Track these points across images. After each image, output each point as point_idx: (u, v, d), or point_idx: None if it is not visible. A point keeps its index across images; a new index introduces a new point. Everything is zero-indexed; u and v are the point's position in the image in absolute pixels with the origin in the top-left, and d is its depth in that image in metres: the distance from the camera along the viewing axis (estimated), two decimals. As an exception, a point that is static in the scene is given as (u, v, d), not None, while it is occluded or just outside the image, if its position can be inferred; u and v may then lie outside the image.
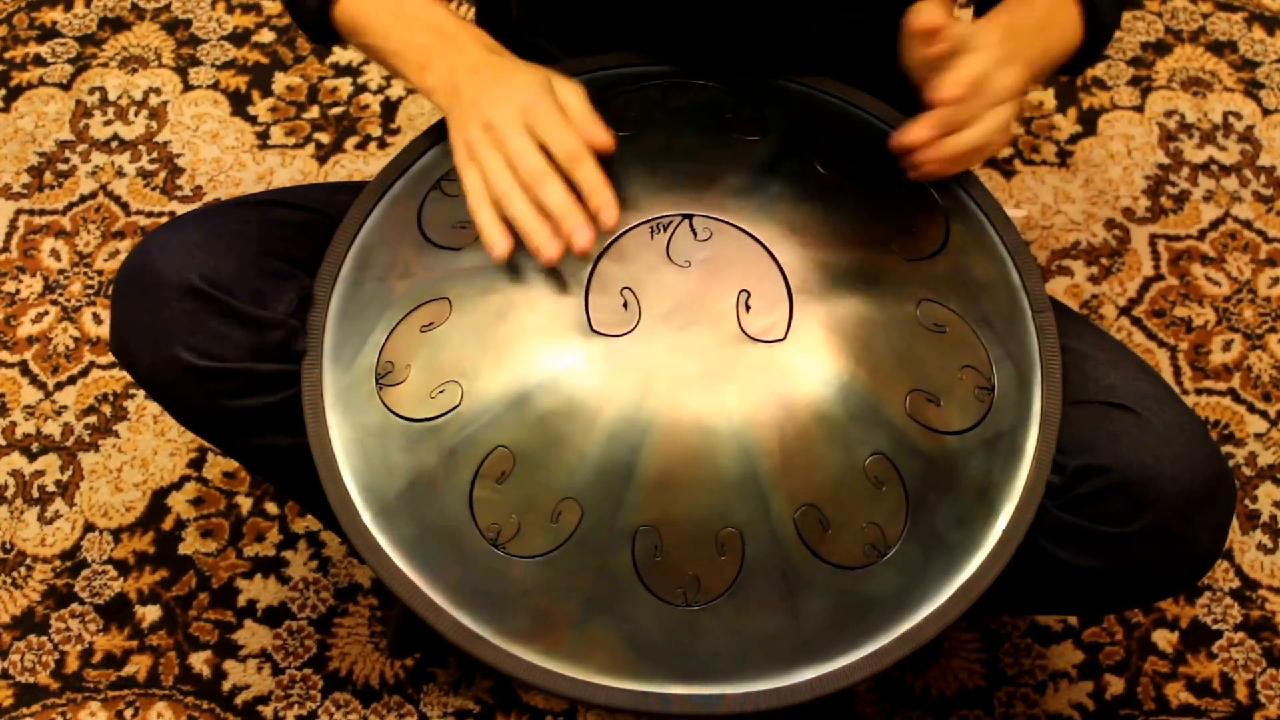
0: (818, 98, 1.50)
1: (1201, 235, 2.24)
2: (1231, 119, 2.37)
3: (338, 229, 1.41)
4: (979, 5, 1.55)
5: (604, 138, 1.33)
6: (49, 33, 2.51)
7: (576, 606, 1.28)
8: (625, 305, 1.30)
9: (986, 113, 1.35)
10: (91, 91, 2.43)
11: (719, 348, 1.29)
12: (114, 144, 2.37)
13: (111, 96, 2.42)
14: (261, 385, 1.37)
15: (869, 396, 1.30)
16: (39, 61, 2.47)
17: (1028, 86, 1.41)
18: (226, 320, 1.35)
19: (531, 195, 1.31)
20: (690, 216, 1.34)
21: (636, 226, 1.33)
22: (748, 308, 1.30)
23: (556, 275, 1.32)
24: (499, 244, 1.31)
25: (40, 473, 2.05)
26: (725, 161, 1.40)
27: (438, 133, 1.47)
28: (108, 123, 2.39)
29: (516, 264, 1.33)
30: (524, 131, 1.33)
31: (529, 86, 1.35)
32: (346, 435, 1.33)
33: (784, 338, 1.30)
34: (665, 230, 1.33)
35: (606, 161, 1.34)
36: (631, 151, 1.38)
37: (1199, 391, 2.09)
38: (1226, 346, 2.13)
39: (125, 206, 2.29)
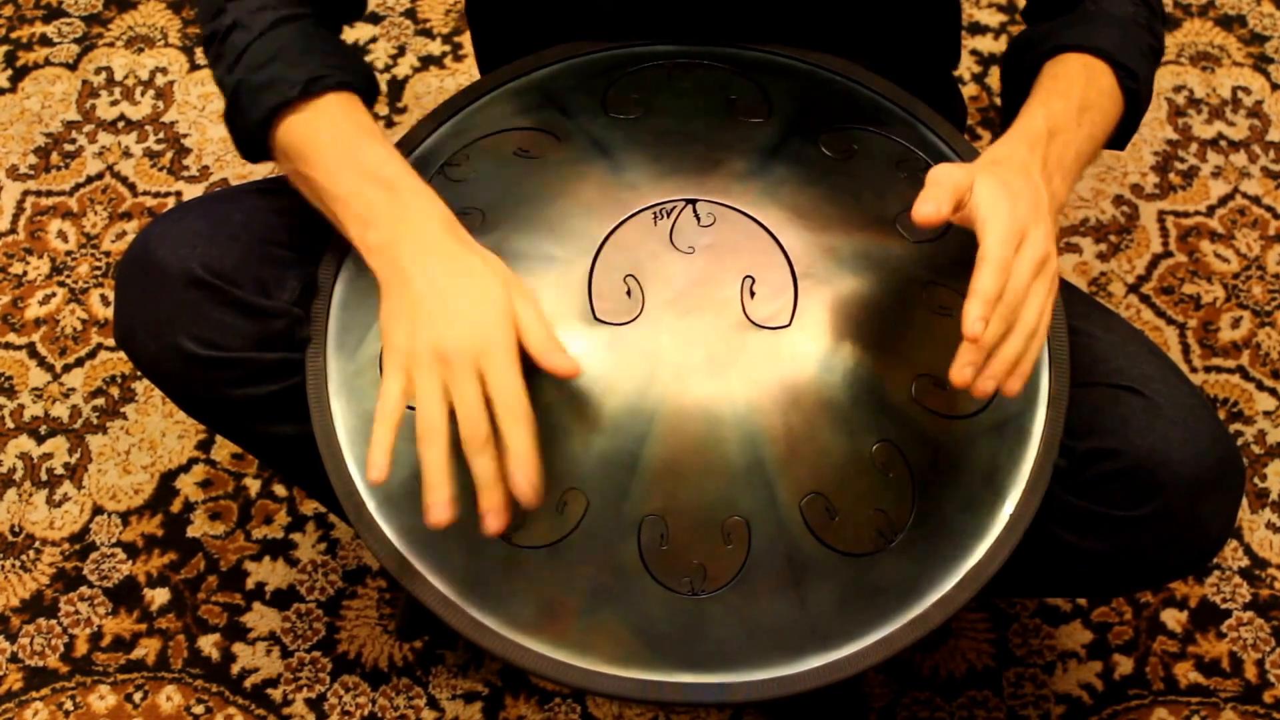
0: (822, 76, 1.49)
1: (1210, 211, 2.23)
2: (1240, 94, 2.36)
3: (341, 216, 1.40)
4: (1010, 95, 1.53)
5: (567, 366, 1.24)
6: (55, 12, 2.50)
7: (583, 596, 1.28)
8: (629, 293, 1.29)
9: (1028, 301, 1.26)
10: (98, 71, 2.42)
11: (723, 335, 1.28)
12: (121, 124, 2.36)
13: (118, 76, 2.42)
14: (265, 374, 1.37)
15: (875, 382, 1.30)
16: (45, 41, 2.47)
17: (1069, 193, 1.37)
18: (229, 309, 1.34)
19: (451, 450, 1.22)
20: (694, 201, 1.33)
21: (639, 212, 1.33)
22: (752, 294, 1.30)
23: (560, 262, 1.31)
24: (379, 469, 1.23)
25: (48, 455, 2.05)
26: (729, 145, 1.39)
27: (440, 116, 1.46)
28: (114, 103, 2.39)
29: (520, 250, 1.32)
30: (476, 379, 1.22)
31: (493, 319, 1.23)
32: (351, 424, 1.33)
33: (789, 324, 1.29)
34: (669, 216, 1.33)
35: (612, 145, 1.34)
36: (634, 135, 1.38)
37: (1208, 369, 2.09)
38: (1235, 324, 2.13)
39: (132, 187, 2.29)
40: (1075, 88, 1.40)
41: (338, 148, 1.32)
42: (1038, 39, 1.47)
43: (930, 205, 1.22)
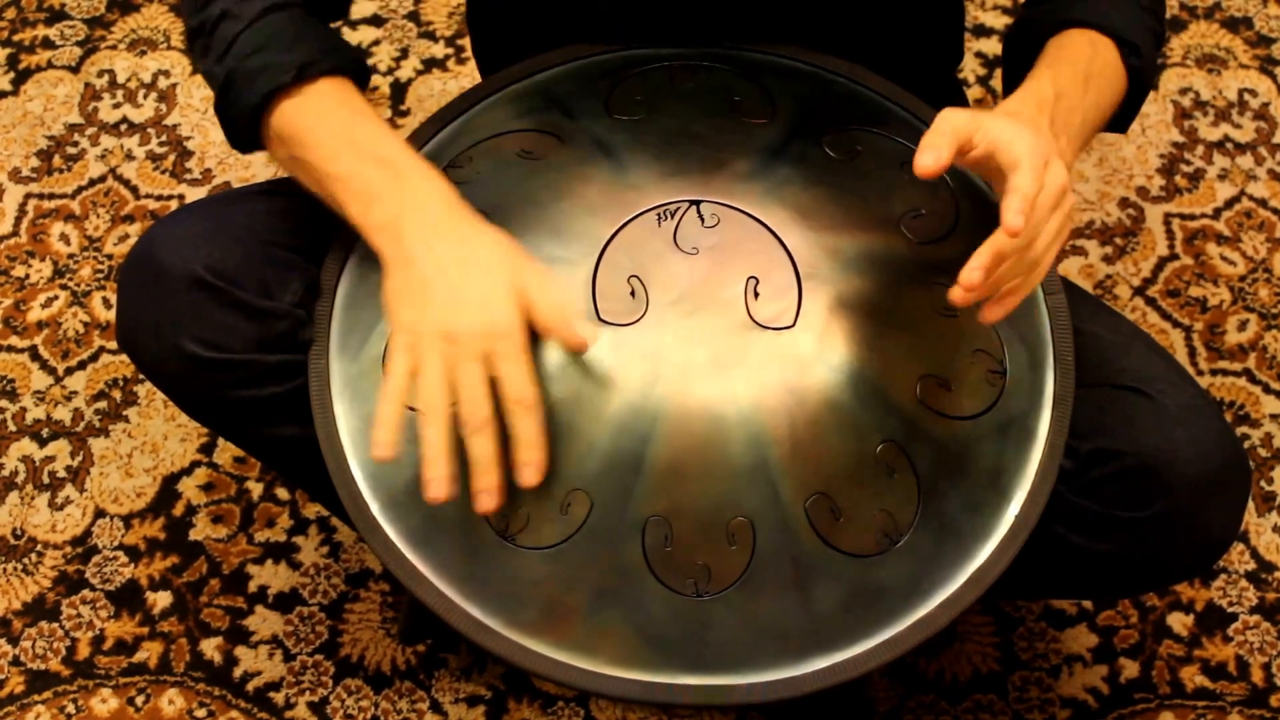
0: (825, 77, 1.49)
1: (1216, 214, 2.23)
2: (1247, 96, 2.36)
3: (344, 218, 1.40)
4: (1012, 73, 1.52)
5: (581, 343, 1.25)
6: (57, 15, 2.50)
7: (586, 597, 1.28)
8: (633, 294, 1.29)
9: (1044, 227, 1.26)
10: (100, 74, 2.42)
11: (727, 335, 1.28)
12: (123, 127, 2.36)
13: (120, 79, 2.42)
14: (268, 376, 1.36)
15: (879, 382, 1.29)
16: (47, 44, 2.46)
17: (1076, 157, 1.37)
18: (232, 311, 1.34)
19: (452, 428, 1.23)
20: (698, 202, 1.33)
21: (643, 214, 1.32)
22: (756, 294, 1.29)
23: (564, 263, 1.30)
24: (383, 445, 1.24)
25: (51, 459, 2.04)
26: (733, 145, 1.38)
27: (444, 118, 1.46)
28: (117, 106, 2.38)
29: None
30: (481, 361, 1.23)
31: (501, 302, 1.24)
32: (354, 425, 1.33)
33: (793, 324, 1.29)
34: (672, 217, 1.32)
35: (616, 147, 1.34)
36: (638, 136, 1.38)
37: (1214, 372, 2.08)
38: (1242, 326, 2.12)
39: (135, 190, 2.28)
40: (1081, 58, 1.40)
41: (335, 129, 1.33)
42: (1042, 15, 1.47)
43: (929, 155, 1.21)
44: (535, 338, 1.26)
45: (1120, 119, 1.47)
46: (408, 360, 1.25)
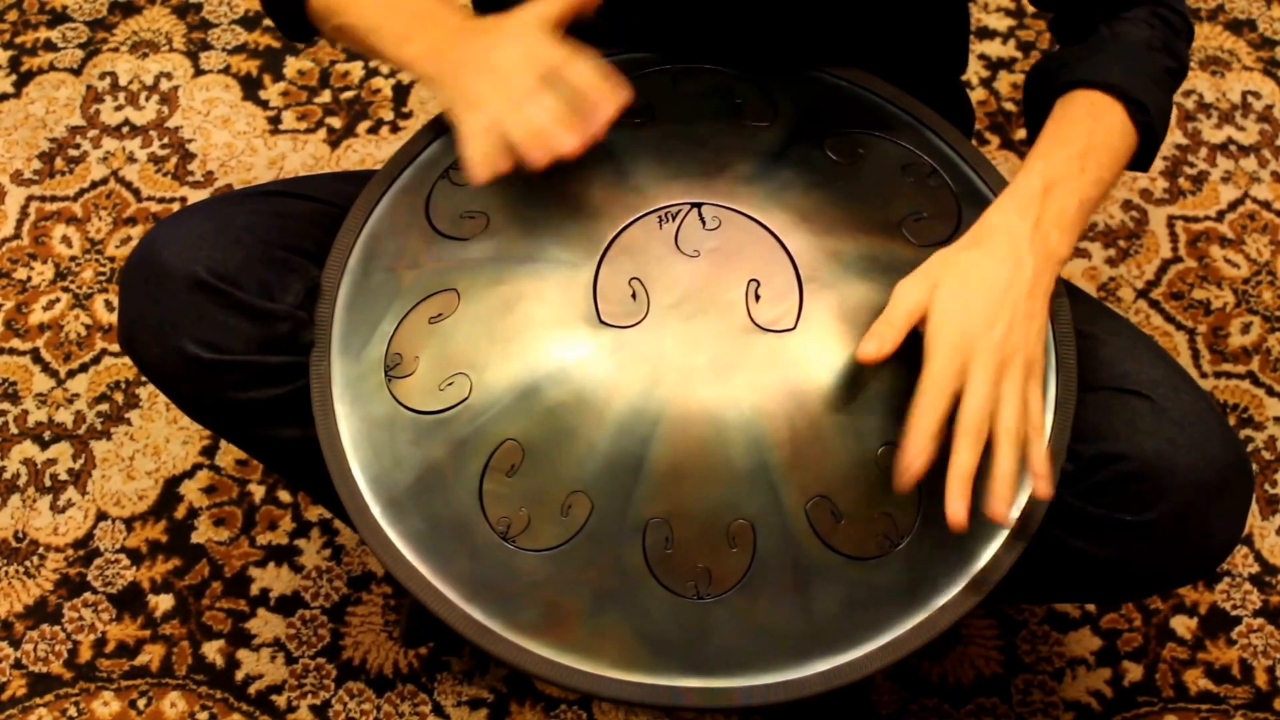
0: (827, 81, 1.49)
1: (1220, 216, 2.23)
2: (1250, 98, 2.35)
3: (345, 219, 1.40)
4: (1031, 124, 1.52)
5: (617, 91, 1.32)
6: (59, 17, 2.50)
7: (587, 600, 1.28)
8: (634, 296, 1.29)
9: (998, 398, 1.26)
10: (102, 77, 2.42)
11: (728, 338, 1.28)
12: (125, 129, 2.36)
13: (122, 81, 2.42)
14: (269, 377, 1.36)
15: (880, 386, 1.29)
16: (49, 46, 2.46)
17: (1075, 240, 1.36)
18: (233, 312, 1.34)
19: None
20: (699, 205, 1.33)
21: (645, 216, 1.32)
22: (757, 297, 1.29)
23: (565, 265, 1.30)
24: (482, 169, 1.31)
25: (52, 461, 2.04)
26: (734, 148, 1.39)
27: (444, 122, 1.46)
28: (119, 108, 2.38)
29: (526, 254, 1.32)
30: (529, 70, 1.32)
31: (526, 29, 1.35)
32: (355, 428, 1.32)
33: (794, 327, 1.29)
34: (674, 219, 1.32)
35: (618, 149, 1.34)
36: (640, 139, 1.38)
37: (1218, 375, 2.08)
38: (1245, 329, 2.12)
39: (137, 192, 2.28)
40: (1078, 132, 1.39)
41: None
42: (1051, 72, 1.46)
43: (872, 344, 1.26)
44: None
45: (1139, 161, 1.46)
46: (480, 119, 1.32)
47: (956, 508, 1.23)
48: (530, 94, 1.31)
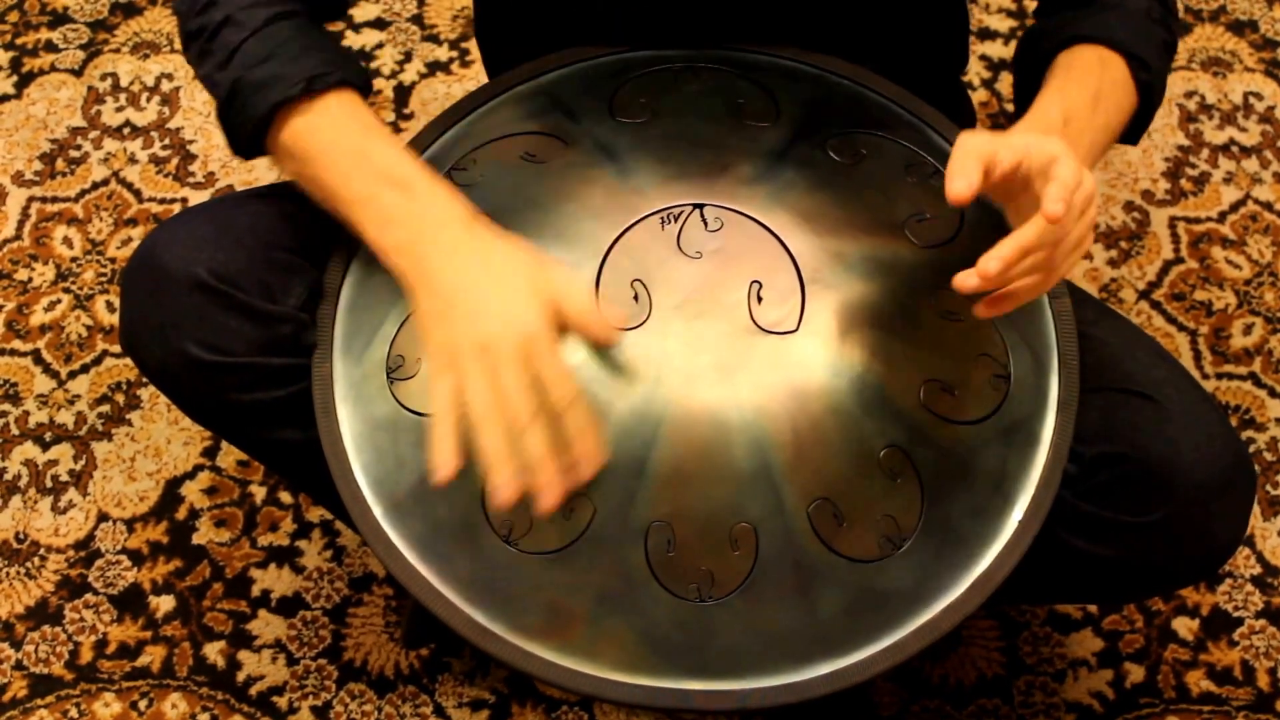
0: (829, 80, 1.48)
1: (1222, 218, 2.23)
2: (1252, 100, 2.35)
3: (347, 221, 1.40)
4: (1023, 85, 1.52)
5: (611, 335, 1.26)
6: (60, 18, 2.50)
7: (589, 602, 1.27)
8: (636, 298, 1.29)
9: (1075, 227, 1.24)
10: (103, 78, 2.42)
11: (731, 340, 1.28)
12: (126, 130, 2.36)
13: (123, 82, 2.41)
14: (271, 379, 1.36)
15: (883, 387, 1.29)
16: (51, 47, 2.46)
17: None
18: (235, 314, 1.34)
19: (509, 434, 1.21)
20: (701, 206, 1.33)
21: (647, 217, 1.32)
22: (759, 299, 1.29)
23: (567, 266, 1.30)
24: (447, 465, 1.21)
25: (53, 462, 2.04)
26: (736, 149, 1.38)
27: (447, 121, 1.46)
28: (120, 109, 2.38)
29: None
30: (521, 366, 1.22)
31: (529, 305, 1.24)
32: (357, 430, 1.32)
33: (796, 329, 1.28)
34: (676, 221, 1.32)
35: (620, 150, 1.33)
36: (641, 139, 1.38)
37: (1220, 376, 2.08)
38: (1247, 330, 2.12)
39: (138, 193, 2.28)
40: (1090, 77, 1.40)
41: (347, 150, 1.32)
42: (1051, 30, 1.46)
43: (961, 181, 1.18)
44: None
45: (1131, 132, 1.47)
46: (450, 378, 1.23)
47: (991, 264, 1.18)
48: (517, 404, 1.21)
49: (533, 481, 1.21)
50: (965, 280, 1.19)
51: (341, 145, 1.32)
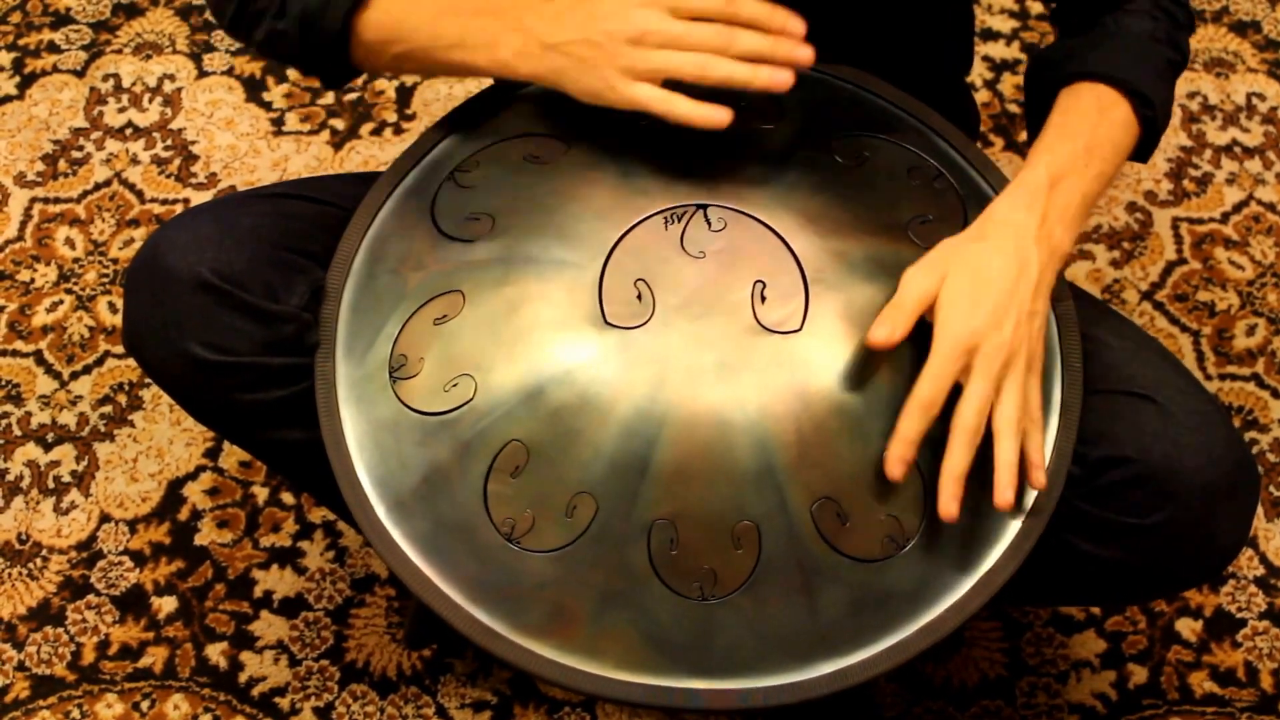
0: (832, 83, 1.48)
1: (1224, 218, 2.23)
2: (1255, 100, 2.35)
3: (350, 221, 1.40)
4: (1032, 114, 1.52)
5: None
6: (63, 19, 2.50)
7: (592, 601, 1.27)
8: (639, 297, 1.29)
9: (1000, 394, 1.28)
10: (106, 78, 2.42)
11: (734, 339, 1.28)
12: (128, 131, 2.36)
13: (126, 83, 2.41)
14: (274, 379, 1.36)
15: (886, 387, 1.29)
16: (53, 48, 2.46)
17: (1077, 234, 1.37)
18: (238, 314, 1.34)
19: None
20: (705, 206, 1.33)
21: (650, 217, 1.32)
22: (763, 298, 1.29)
23: (571, 267, 1.30)
24: (720, 113, 1.30)
25: (56, 463, 2.04)
26: (740, 150, 1.38)
27: (450, 123, 1.45)
28: (122, 110, 2.38)
29: (531, 256, 1.32)
30: (674, 18, 1.30)
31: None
32: (360, 429, 1.32)
33: (800, 329, 1.28)
34: (679, 221, 1.32)
35: (622, 150, 1.34)
36: (645, 140, 1.37)
37: (1222, 377, 2.07)
38: (1250, 331, 2.12)
39: (140, 194, 2.28)
40: (1084, 125, 1.40)
41: (424, 8, 1.39)
42: (1056, 61, 1.46)
43: (884, 330, 1.26)
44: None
45: (1139, 153, 1.46)
46: (639, 87, 1.31)
47: (948, 504, 1.25)
48: (715, 38, 1.30)
49: (780, 55, 1.31)
50: (948, 512, 1.26)
51: (418, 9, 1.39)
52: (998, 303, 1.28)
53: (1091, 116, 1.41)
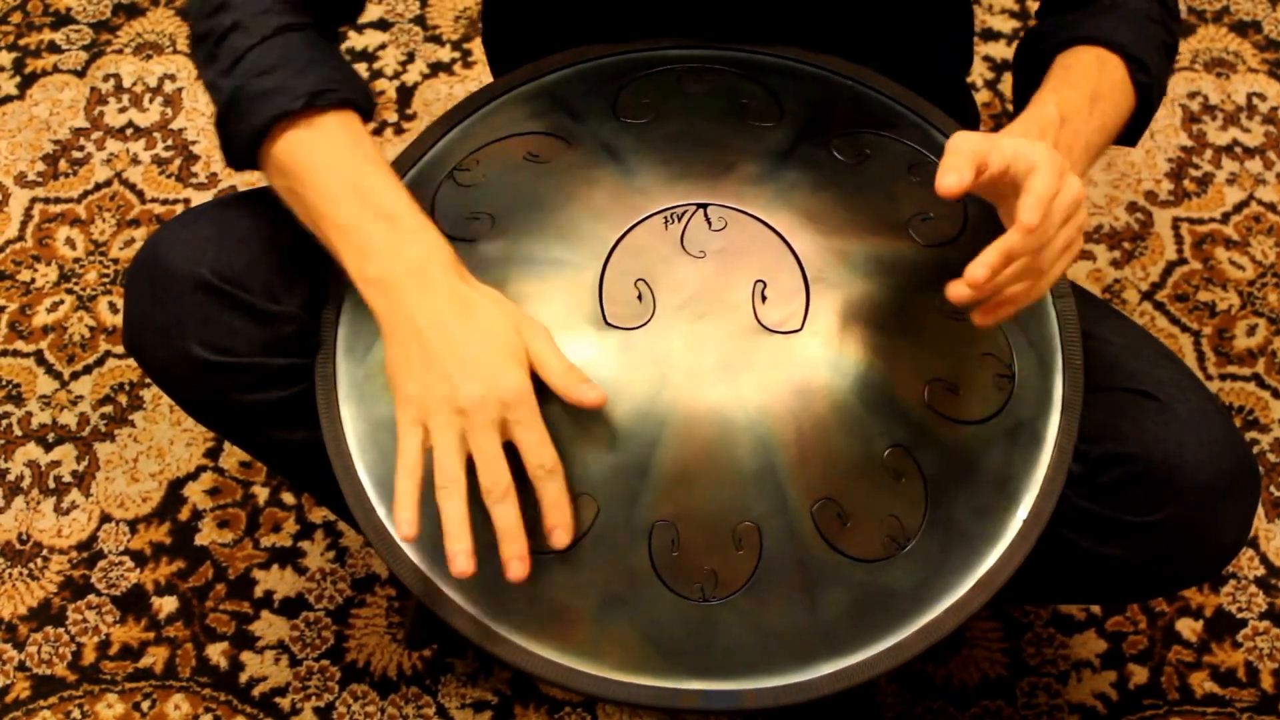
0: (833, 81, 1.48)
1: (1225, 218, 2.22)
2: (1255, 100, 2.35)
3: (351, 221, 1.40)
4: (1021, 86, 1.52)
5: (593, 397, 1.23)
6: (63, 19, 2.50)
7: (593, 602, 1.27)
8: (640, 297, 1.28)
9: (1059, 232, 1.23)
10: (106, 78, 2.42)
11: (735, 339, 1.28)
12: (129, 131, 2.36)
13: (126, 83, 2.41)
14: (274, 379, 1.36)
15: (887, 387, 1.29)
16: (53, 48, 2.46)
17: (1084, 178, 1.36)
18: (238, 314, 1.34)
19: (468, 498, 1.21)
20: (705, 206, 1.33)
21: (650, 217, 1.32)
22: (764, 298, 1.29)
23: (571, 266, 1.30)
24: (408, 524, 1.20)
25: (56, 463, 2.04)
26: (740, 148, 1.38)
27: (449, 123, 1.45)
28: (122, 110, 2.38)
29: (531, 255, 1.32)
30: (495, 430, 1.21)
31: (508, 367, 1.22)
32: (361, 429, 1.32)
33: (800, 328, 1.28)
34: (679, 220, 1.32)
35: (623, 150, 1.33)
36: (645, 139, 1.37)
37: (1223, 377, 2.07)
38: (1251, 331, 2.11)
39: (140, 194, 2.28)
40: (1087, 78, 1.40)
41: (339, 173, 1.29)
42: (1051, 31, 1.47)
43: (953, 176, 1.17)
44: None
45: (1129, 133, 1.47)
46: (418, 434, 1.22)
47: (978, 270, 1.18)
48: (492, 472, 1.21)
49: (502, 551, 1.22)
50: (957, 290, 1.19)
51: (334, 169, 1.30)
52: (1061, 154, 1.24)
53: (1093, 70, 1.41)
